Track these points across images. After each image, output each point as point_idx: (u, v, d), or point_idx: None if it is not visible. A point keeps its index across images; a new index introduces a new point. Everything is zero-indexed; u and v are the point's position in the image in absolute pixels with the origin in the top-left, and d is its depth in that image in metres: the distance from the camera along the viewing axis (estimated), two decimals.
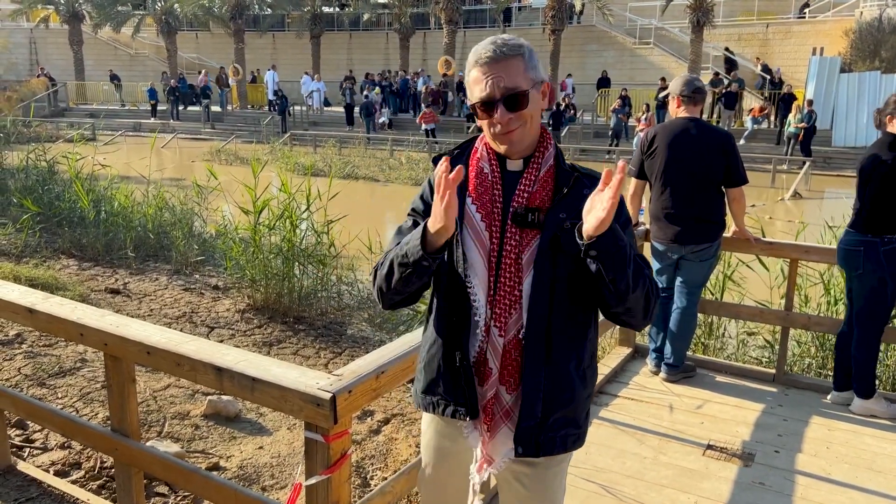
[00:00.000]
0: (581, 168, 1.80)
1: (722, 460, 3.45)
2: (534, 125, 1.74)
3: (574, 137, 22.31)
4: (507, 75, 1.67)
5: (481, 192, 1.76)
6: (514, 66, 1.69)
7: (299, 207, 6.61)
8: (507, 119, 1.69)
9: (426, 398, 1.90)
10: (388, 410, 4.36)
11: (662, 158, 4.12)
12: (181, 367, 2.29)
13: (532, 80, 1.71)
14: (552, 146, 1.78)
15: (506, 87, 1.67)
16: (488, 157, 1.79)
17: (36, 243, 7.85)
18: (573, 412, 1.79)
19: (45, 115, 28.49)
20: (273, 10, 35.95)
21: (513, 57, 1.69)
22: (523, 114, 1.70)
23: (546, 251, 1.70)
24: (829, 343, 4.97)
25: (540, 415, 1.74)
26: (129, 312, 5.94)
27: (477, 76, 1.71)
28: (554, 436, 1.77)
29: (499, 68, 1.68)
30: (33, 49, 38.22)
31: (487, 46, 1.70)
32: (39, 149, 10.45)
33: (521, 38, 1.76)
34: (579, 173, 1.76)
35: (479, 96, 1.70)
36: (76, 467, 3.37)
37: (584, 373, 1.81)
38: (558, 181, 1.73)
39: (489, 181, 1.76)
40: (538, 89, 1.73)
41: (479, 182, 1.77)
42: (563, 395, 1.76)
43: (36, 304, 2.70)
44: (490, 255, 1.74)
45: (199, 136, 26.71)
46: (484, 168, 1.78)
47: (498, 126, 1.70)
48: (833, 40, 25.11)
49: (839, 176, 18.53)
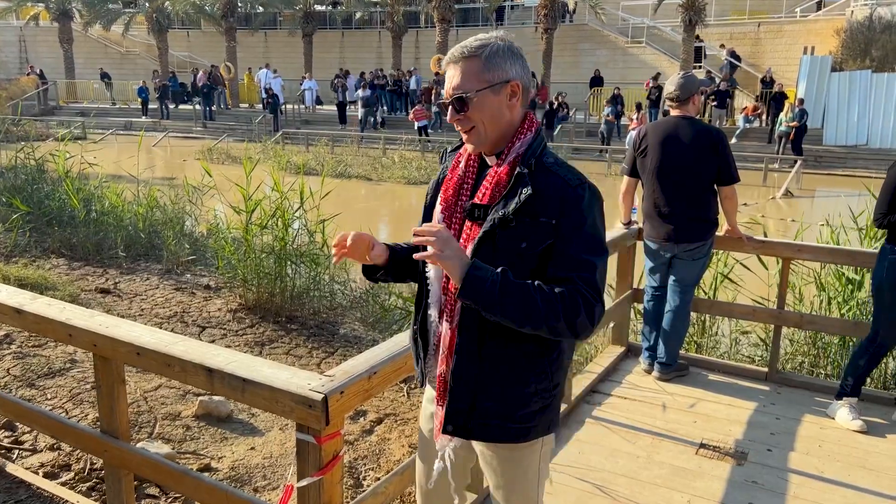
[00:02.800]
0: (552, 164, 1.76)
1: (715, 459, 3.45)
2: (493, 126, 1.76)
3: (566, 136, 22.31)
4: (461, 78, 1.74)
5: (448, 186, 1.86)
6: (468, 69, 1.74)
7: (292, 206, 6.58)
8: (455, 119, 1.76)
9: (416, 368, 2.04)
10: (381, 410, 4.34)
11: (654, 157, 4.12)
12: (171, 368, 2.26)
13: (488, 80, 1.73)
14: (521, 142, 1.78)
15: (454, 89, 1.74)
16: (469, 154, 1.87)
17: (25, 243, 7.78)
18: (506, 406, 1.80)
19: (34, 114, 28.25)
20: (265, 9, 35.78)
21: (470, 59, 1.73)
22: (470, 115, 1.74)
23: (482, 246, 1.73)
24: (822, 341, 4.99)
25: (468, 401, 1.81)
26: (119, 312, 5.90)
27: (447, 75, 1.80)
28: (487, 423, 1.82)
29: (455, 70, 1.75)
30: (23, 47, 37.94)
31: (457, 47, 1.77)
32: (28, 147, 10.36)
33: (493, 39, 1.76)
34: (535, 170, 1.74)
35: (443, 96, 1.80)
36: (66, 469, 3.34)
37: (525, 370, 1.79)
38: (509, 179, 1.75)
39: (460, 178, 1.85)
40: (497, 90, 1.74)
41: (451, 177, 1.87)
42: (493, 388, 1.80)
43: (24, 305, 2.66)
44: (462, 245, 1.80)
45: (191, 135, 26.58)
46: (461, 165, 1.87)
47: (456, 124, 1.78)
48: (824, 39, 25.22)
49: (830, 174, 18.63)
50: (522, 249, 1.71)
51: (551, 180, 1.73)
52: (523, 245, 1.71)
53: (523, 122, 1.80)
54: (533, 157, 1.75)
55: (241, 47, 33.30)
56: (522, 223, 1.70)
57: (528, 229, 1.70)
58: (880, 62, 22.72)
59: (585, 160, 20.16)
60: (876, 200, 3.75)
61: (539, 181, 1.72)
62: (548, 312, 1.64)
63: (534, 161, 1.75)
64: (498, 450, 1.90)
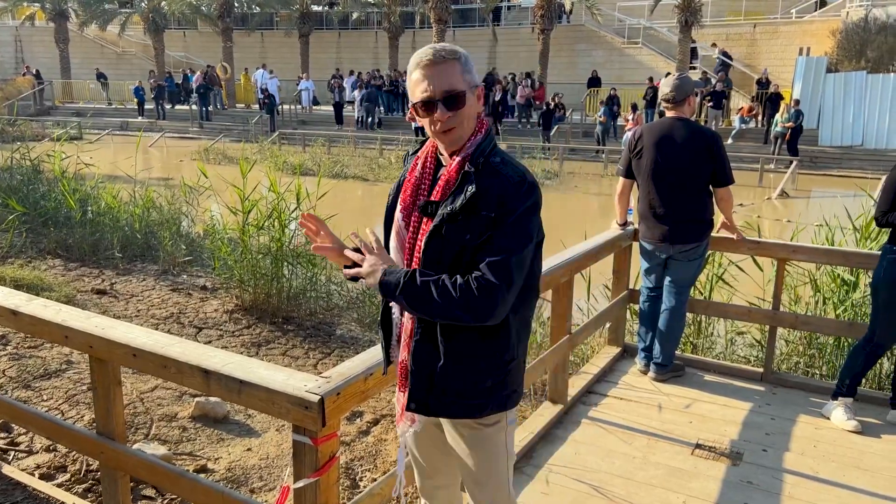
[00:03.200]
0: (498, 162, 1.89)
1: (711, 459, 3.46)
2: (469, 124, 1.91)
3: (563, 137, 22.34)
4: (446, 77, 1.84)
5: (408, 185, 1.99)
6: (452, 69, 1.86)
7: (288, 207, 6.58)
8: (447, 117, 1.85)
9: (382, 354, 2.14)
10: (378, 411, 4.34)
11: (649, 158, 4.13)
12: (167, 370, 2.26)
13: (468, 83, 1.88)
14: (471, 142, 1.91)
15: (444, 88, 1.84)
16: (426, 155, 2.00)
17: (21, 244, 7.77)
18: (460, 383, 1.94)
19: (30, 114, 28.20)
20: (262, 9, 35.74)
21: (451, 61, 1.86)
22: (461, 113, 1.87)
23: (432, 239, 1.88)
24: (817, 342, 5.00)
25: (427, 380, 1.95)
26: (115, 313, 5.89)
27: (418, 78, 1.87)
28: (444, 400, 1.95)
29: (438, 71, 1.85)
30: (19, 47, 37.82)
31: (428, 51, 1.87)
32: (24, 148, 10.34)
33: (455, 47, 1.91)
34: (481, 168, 1.86)
35: (420, 96, 1.87)
36: (62, 470, 3.33)
37: (476, 350, 1.93)
38: (457, 177, 1.89)
39: (417, 178, 1.98)
40: (473, 92, 1.90)
41: (410, 178, 1.99)
42: (447, 367, 1.93)
43: (20, 306, 2.66)
44: (405, 243, 1.96)
45: (187, 136, 26.54)
46: (419, 165, 1.99)
47: (438, 124, 1.86)
48: (820, 40, 25.29)
49: (826, 175, 18.67)
50: (467, 241, 1.85)
51: (494, 179, 1.86)
52: (467, 237, 1.84)
53: (477, 124, 1.94)
54: (481, 157, 1.89)
55: (237, 48, 33.25)
56: (467, 218, 1.84)
57: (471, 223, 1.84)
58: (875, 63, 22.79)
59: (581, 160, 20.21)
60: (877, 199, 3.74)
61: (484, 179, 1.85)
62: (444, 304, 1.80)
63: (482, 160, 1.88)
64: (463, 428, 2.02)
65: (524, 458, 3.43)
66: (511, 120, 24.95)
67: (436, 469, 2.20)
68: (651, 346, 4.43)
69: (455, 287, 1.80)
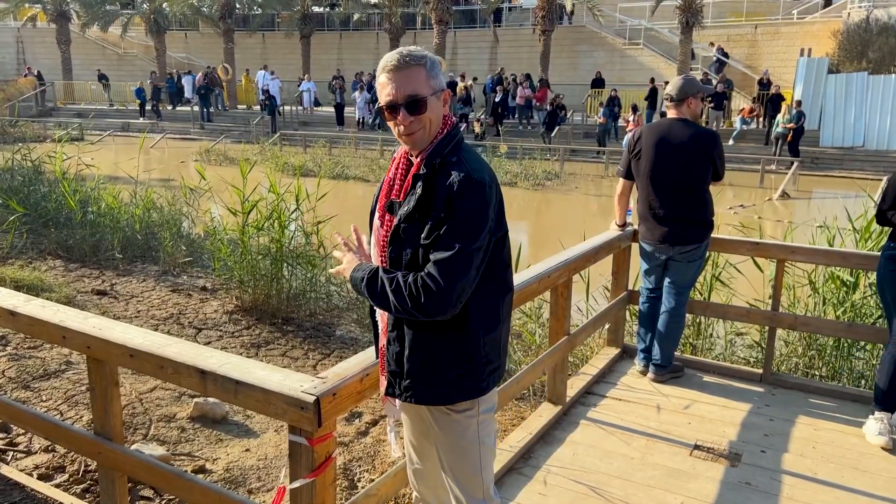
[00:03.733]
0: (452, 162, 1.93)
1: (709, 460, 3.46)
2: (433, 128, 1.96)
3: (564, 138, 22.33)
4: (410, 82, 1.91)
5: (384, 188, 2.07)
6: (416, 74, 1.91)
7: (288, 208, 6.59)
8: (409, 121, 1.92)
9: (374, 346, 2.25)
10: (377, 412, 4.34)
11: (648, 159, 4.13)
12: (164, 370, 2.27)
13: (433, 87, 1.94)
14: (433, 144, 1.97)
15: (407, 93, 1.90)
16: (400, 155, 2.07)
17: (22, 245, 7.78)
18: (425, 372, 2.02)
19: (32, 115, 28.24)
20: (263, 10, 35.78)
21: (416, 66, 1.92)
22: (422, 117, 1.93)
23: (393, 238, 1.98)
24: (817, 343, 5.00)
25: (397, 365, 2.06)
26: (115, 314, 5.90)
27: (384, 82, 1.94)
28: (412, 387, 2.04)
29: (402, 76, 1.91)
30: (20, 48, 37.87)
31: (394, 56, 1.93)
32: (25, 149, 10.35)
33: (424, 51, 1.97)
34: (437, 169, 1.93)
35: (384, 100, 1.94)
36: (60, 471, 3.34)
37: (439, 343, 2.00)
38: (413, 176, 1.97)
39: (390, 178, 2.06)
40: (439, 97, 1.96)
41: (387, 180, 2.08)
42: (415, 356, 2.02)
43: (18, 307, 2.67)
44: (380, 241, 2.04)
45: (189, 136, 26.57)
46: (393, 165, 2.08)
47: (401, 127, 1.93)
48: (821, 41, 25.27)
49: (827, 176, 18.66)
50: (422, 239, 1.92)
51: (446, 179, 1.91)
52: (422, 236, 1.92)
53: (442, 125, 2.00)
54: (438, 157, 1.95)
55: (238, 49, 33.29)
56: (422, 218, 1.92)
57: (424, 223, 1.92)
58: (877, 64, 22.77)
59: (582, 161, 20.20)
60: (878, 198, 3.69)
61: (438, 179, 1.92)
62: (398, 300, 1.90)
63: (438, 161, 1.94)
64: (436, 412, 2.09)
65: (522, 458, 3.43)
66: (512, 121, 24.94)
67: (422, 454, 2.29)
68: (650, 347, 4.43)
69: (406, 285, 1.89)
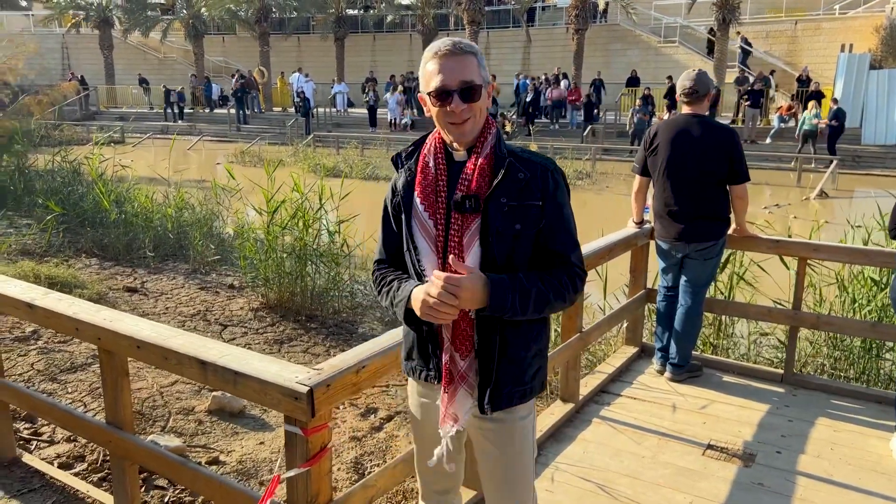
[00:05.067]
0: (521, 152, 1.93)
1: (722, 460, 3.41)
2: (482, 118, 1.90)
3: (597, 137, 22.14)
4: (464, 69, 1.84)
5: (425, 185, 1.93)
6: (469, 62, 1.85)
7: (313, 208, 6.68)
8: (462, 109, 1.83)
9: (407, 364, 2.09)
10: (392, 408, 4.38)
11: (664, 156, 4.09)
12: (168, 361, 2.33)
13: (484, 78, 1.88)
14: (491, 135, 1.92)
15: (462, 79, 1.83)
16: (434, 152, 1.95)
17: (59, 243, 8.03)
18: (517, 371, 1.96)
19: (76, 119, 29.07)
20: (298, 13, 36.25)
21: (469, 54, 1.86)
22: (474, 106, 1.85)
23: (483, 233, 1.86)
24: (842, 343, 4.88)
25: (486, 375, 1.94)
26: (145, 311, 6.05)
27: (433, 68, 1.85)
28: (500, 392, 1.95)
29: (456, 62, 1.83)
30: (65, 54, 39.02)
31: (446, 42, 1.85)
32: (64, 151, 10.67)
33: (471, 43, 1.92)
34: (514, 158, 1.89)
35: (434, 86, 1.84)
36: (80, 460, 3.45)
37: (528, 337, 1.97)
38: (495, 167, 1.88)
39: (433, 175, 1.93)
40: (486, 88, 1.90)
41: (424, 176, 1.94)
42: (506, 358, 1.94)
43: (35, 300, 2.77)
44: (437, 241, 1.91)
45: (225, 139, 27.04)
46: (430, 163, 1.94)
47: (452, 115, 1.84)
48: (863, 37, 24.60)
49: (868, 175, 18.15)
50: (518, 231, 1.86)
51: (531, 166, 1.89)
52: (518, 227, 1.86)
53: (487, 119, 1.94)
54: (505, 148, 1.91)
55: (274, 52, 33.78)
56: (513, 207, 1.85)
57: (518, 212, 1.86)
58: None
59: (615, 160, 19.98)
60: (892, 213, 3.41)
61: (524, 169, 1.88)
62: (556, 299, 1.88)
63: (506, 151, 1.90)
64: (501, 422, 1.99)
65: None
66: (543, 121, 24.82)
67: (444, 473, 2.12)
68: (668, 346, 4.38)
69: (562, 284, 1.88)
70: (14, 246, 7.78)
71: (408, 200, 1.96)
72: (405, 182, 1.98)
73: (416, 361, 2.04)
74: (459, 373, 1.93)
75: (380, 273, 2.07)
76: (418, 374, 2.03)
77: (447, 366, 1.94)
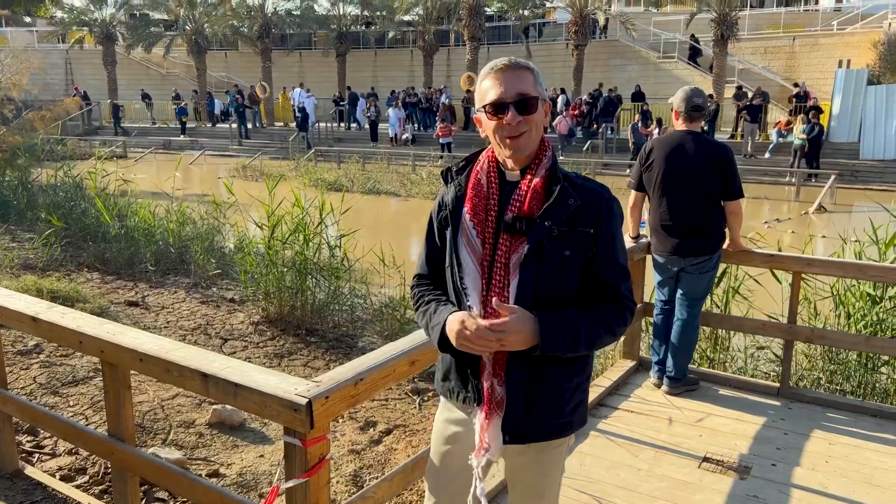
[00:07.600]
0: (576, 177, 1.91)
1: (717, 473, 3.44)
2: (538, 135, 1.87)
3: (596, 152, 22.26)
4: (520, 82, 1.83)
5: (476, 202, 1.89)
6: (526, 76, 1.85)
7: (314, 222, 6.74)
8: (518, 121, 1.81)
9: (444, 385, 2.05)
10: (392, 421, 4.41)
11: (659, 171, 4.15)
12: (170, 374, 2.37)
13: (540, 94, 1.86)
14: (547, 157, 1.89)
15: (518, 91, 1.81)
16: (487, 169, 1.92)
17: (61, 257, 8.09)
18: (556, 403, 1.92)
19: (79, 134, 29.23)
20: (300, 29, 36.57)
21: (525, 69, 1.86)
22: (531, 118, 1.83)
23: (531, 257, 1.82)
24: (838, 357, 4.91)
25: (524, 406, 1.89)
26: (146, 324, 6.09)
27: (489, 84, 1.85)
28: (538, 424, 1.91)
29: (513, 75, 1.83)
30: (69, 69, 39.32)
31: (503, 59, 1.87)
32: (67, 166, 10.76)
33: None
34: (567, 183, 1.85)
35: (491, 99, 1.83)
36: (81, 472, 3.48)
37: (568, 368, 1.92)
38: (549, 190, 1.84)
39: (485, 192, 1.90)
40: (543, 105, 1.87)
41: (476, 193, 1.90)
42: (546, 389, 1.90)
43: (39, 314, 2.81)
44: (483, 261, 1.87)
45: (227, 153, 27.19)
46: (482, 180, 1.91)
47: (507, 128, 1.82)
48: (861, 52, 24.79)
49: (867, 189, 18.22)
50: (567, 257, 1.83)
51: (584, 192, 1.86)
52: (567, 253, 1.83)
53: (543, 141, 1.92)
54: (560, 172, 1.88)
55: (276, 67, 34.02)
56: (564, 232, 1.82)
57: (569, 238, 1.83)
58: None
59: (614, 175, 20.05)
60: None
61: (574, 194, 1.84)
62: (606, 334, 1.85)
63: (561, 175, 1.87)
64: (536, 451, 1.97)
65: None
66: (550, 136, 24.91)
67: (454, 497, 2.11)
68: (664, 359, 4.41)
69: (612, 318, 1.85)
70: (17, 260, 7.84)
71: (456, 215, 1.92)
72: (454, 196, 1.95)
73: (452, 383, 2.00)
74: (497, 400, 1.89)
75: (419, 290, 2.06)
76: (455, 395, 1.99)
77: (487, 393, 1.90)
